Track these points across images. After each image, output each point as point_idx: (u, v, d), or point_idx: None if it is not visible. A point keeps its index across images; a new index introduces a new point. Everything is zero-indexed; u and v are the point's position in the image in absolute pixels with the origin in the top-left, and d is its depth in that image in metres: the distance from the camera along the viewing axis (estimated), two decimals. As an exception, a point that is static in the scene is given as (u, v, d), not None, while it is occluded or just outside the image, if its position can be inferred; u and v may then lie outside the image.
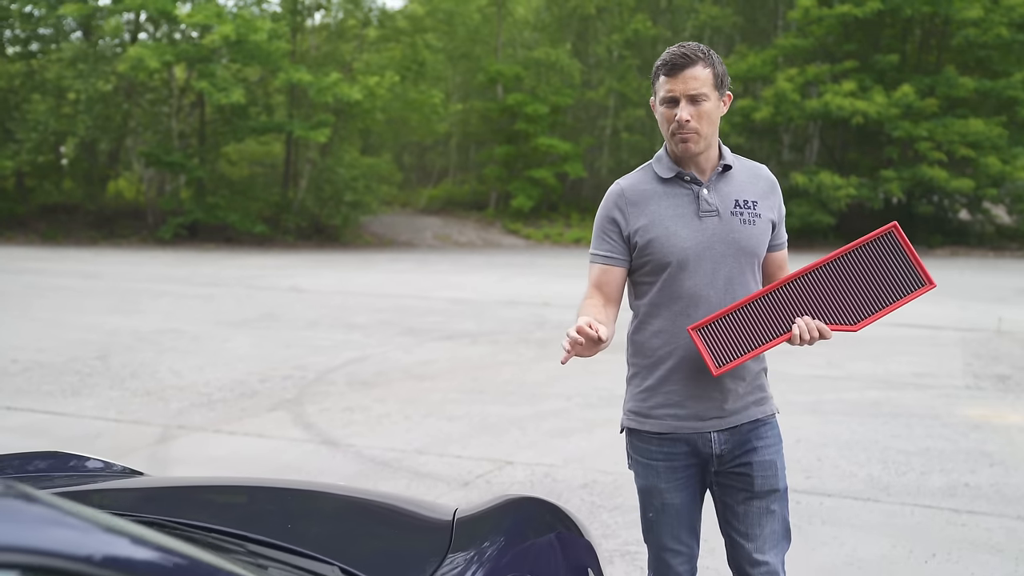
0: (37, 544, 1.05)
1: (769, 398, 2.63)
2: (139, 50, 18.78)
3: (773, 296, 2.38)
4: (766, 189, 2.55)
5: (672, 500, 2.58)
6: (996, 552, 4.17)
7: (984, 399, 7.18)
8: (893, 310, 2.39)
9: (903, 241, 2.37)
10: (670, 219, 2.47)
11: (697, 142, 2.42)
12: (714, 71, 2.44)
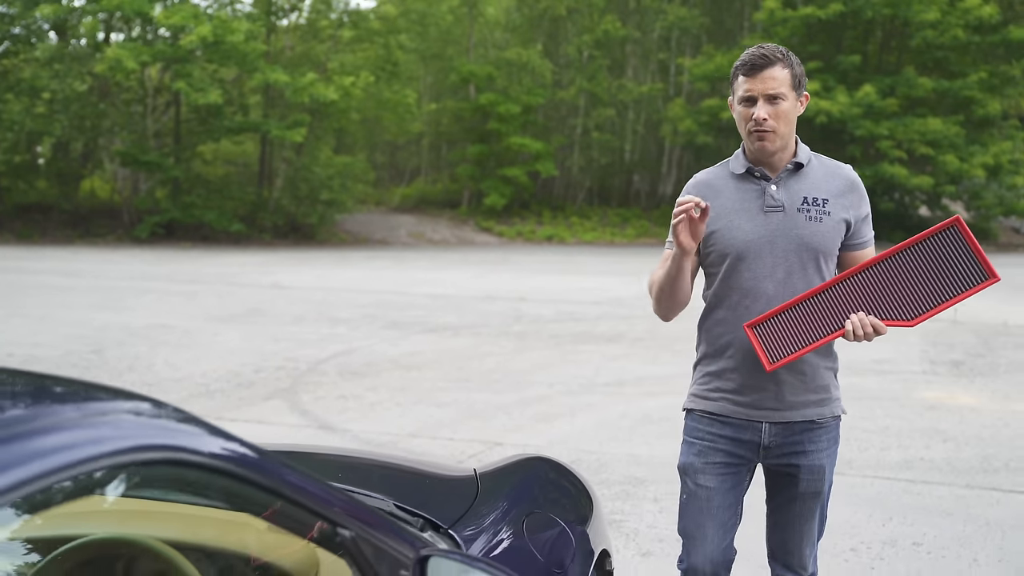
0: (183, 443, 1.39)
1: (832, 400, 2.61)
2: (117, 51, 18.93)
3: (830, 292, 2.38)
4: (842, 188, 2.54)
5: (704, 483, 2.61)
6: (946, 516, 4.61)
7: (939, 383, 7.66)
8: (954, 304, 2.33)
9: (966, 234, 2.31)
10: (735, 212, 2.53)
11: (773, 140, 2.46)
12: (792, 72, 2.48)
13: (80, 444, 1.23)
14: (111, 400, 1.42)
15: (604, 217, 26.59)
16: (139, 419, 1.37)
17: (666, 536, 4.22)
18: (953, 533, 4.38)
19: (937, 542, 4.26)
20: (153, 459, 1.34)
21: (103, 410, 1.36)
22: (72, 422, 1.28)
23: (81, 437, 1.25)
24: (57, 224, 22.78)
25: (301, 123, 21.27)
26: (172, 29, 19.83)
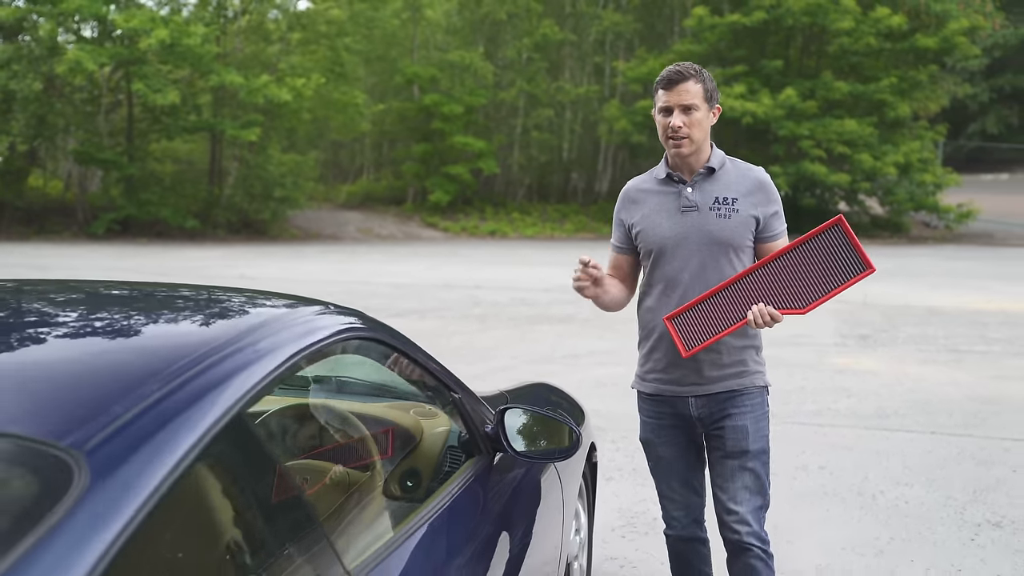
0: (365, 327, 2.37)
1: (751, 372, 2.90)
2: (76, 53, 19.47)
3: (735, 287, 2.68)
4: (751, 188, 2.83)
5: (663, 453, 2.99)
6: (847, 449, 5.84)
7: (847, 352, 8.97)
8: (838, 293, 2.61)
9: (847, 231, 2.59)
10: (656, 213, 2.87)
11: (688, 145, 2.76)
12: (704, 87, 2.78)
13: (323, 328, 2.15)
14: (313, 304, 2.33)
15: (544, 213, 27.73)
16: (331, 313, 2.31)
17: (623, 466, 5.35)
18: (851, 460, 5.61)
19: (838, 466, 5.48)
20: (348, 336, 2.28)
21: (313, 311, 2.26)
22: (307, 316, 2.17)
23: (316, 324, 2.18)
24: (10, 221, 23.14)
25: (255, 123, 22.00)
26: (130, 32, 20.39)
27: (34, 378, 1.51)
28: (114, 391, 1.41)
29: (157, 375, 1.47)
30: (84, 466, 1.22)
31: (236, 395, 1.52)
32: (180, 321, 1.96)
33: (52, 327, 1.84)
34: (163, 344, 1.71)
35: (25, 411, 1.36)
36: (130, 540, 1.16)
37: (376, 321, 2.32)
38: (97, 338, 1.79)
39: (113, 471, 1.23)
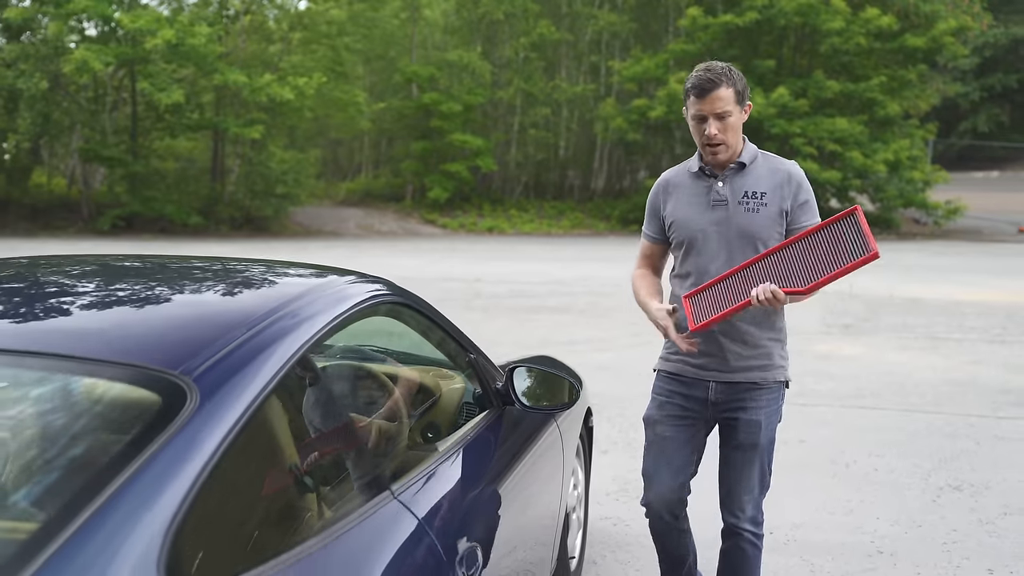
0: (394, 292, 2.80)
1: (775, 367, 2.99)
2: (83, 52, 19.88)
3: (750, 270, 2.77)
4: (780, 182, 2.90)
5: (662, 432, 3.06)
6: (825, 424, 6.29)
7: (831, 340, 9.43)
8: (841, 275, 2.67)
9: (862, 222, 2.67)
10: (689, 206, 2.96)
11: (725, 151, 2.86)
12: (735, 89, 2.81)
13: (359, 292, 2.60)
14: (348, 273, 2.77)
15: (541, 209, 28.15)
16: (364, 281, 2.76)
17: (618, 440, 5.80)
18: (828, 434, 6.06)
19: (816, 440, 5.94)
20: (380, 299, 2.72)
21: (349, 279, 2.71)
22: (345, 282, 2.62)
23: (354, 290, 2.62)
24: (16, 218, 23.54)
25: (258, 121, 22.42)
26: (136, 33, 20.81)
27: (150, 325, 1.98)
28: (210, 334, 1.86)
29: (241, 324, 1.92)
30: (194, 388, 1.66)
31: (300, 341, 1.97)
32: (251, 284, 2.44)
33: (151, 288, 2.29)
34: (240, 301, 2.22)
35: (148, 348, 1.81)
36: (230, 443, 1.60)
37: (401, 288, 2.75)
38: (191, 296, 2.26)
39: (214, 392, 1.67)
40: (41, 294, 2.19)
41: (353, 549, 1.85)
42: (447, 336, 2.93)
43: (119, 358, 1.77)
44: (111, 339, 1.87)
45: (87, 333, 1.92)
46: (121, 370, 1.74)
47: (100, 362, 1.77)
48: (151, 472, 1.51)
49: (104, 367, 1.76)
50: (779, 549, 4.19)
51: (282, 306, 2.07)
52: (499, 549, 2.48)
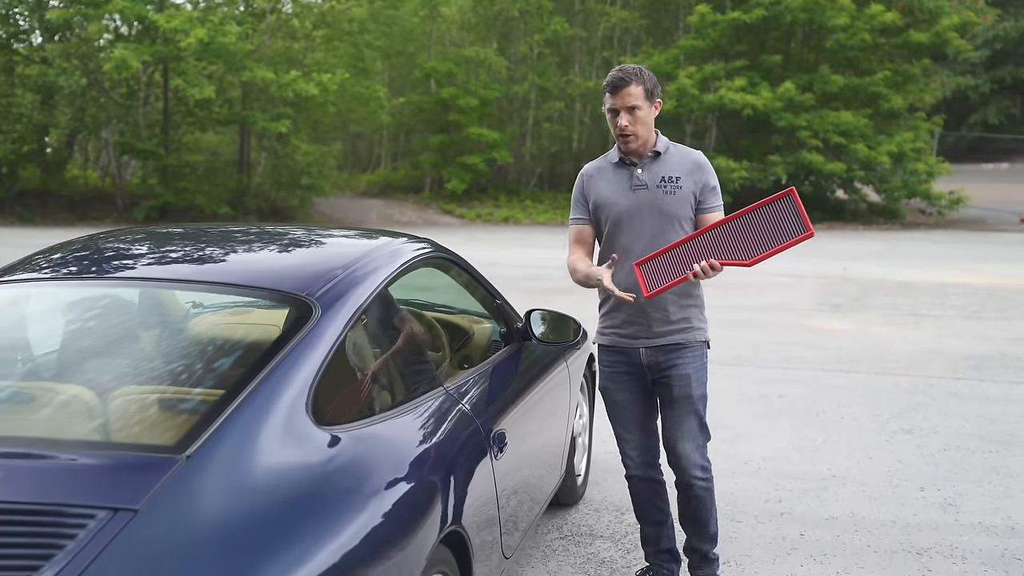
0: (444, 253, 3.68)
1: (694, 328, 3.36)
2: (122, 51, 20.88)
3: (695, 242, 3.05)
4: (691, 168, 3.29)
5: (617, 398, 3.46)
6: (803, 384, 7.17)
7: (821, 316, 10.30)
8: (780, 251, 2.96)
9: (797, 202, 2.97)
10: (612, 191, 3.33)
11: (635, 140, 3.24)
12: (644, 87, 3.22)
13: (412, 248, 3.49)
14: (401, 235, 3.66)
15: (555, 200, 28.98)
16: (417, 240, 3.65)
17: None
18: (805, 391, 6.94)
19: (794, 396, 6.82)
20: (428, 254, 3.60)
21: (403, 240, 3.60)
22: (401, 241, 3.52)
23: (410, 246, 3.51)
24: (54, 208, 24.60)
25: (284, 115, 23.37)
26: (171, 32, 21.78)
27: (285, 267, 2.94)
28: (322, 273, 2.79)
29: (338, 267, 2.85)
30: (316, 304, 2.57)
31: (378, 279, 2.89)
32: (337, 242, 3.41)
33: (274, 245, 3.24)
34: (334, 252, 3.21)
35: (287, 280, 2.73)
36: (339, 338, 2.51)
37: (442, 246, 3.66)
38: (303, 250, 3.25)
39: (329, 307, 2.58)
40: (203, 248, 3.15)
41: (422, 418, 2.77)
42: (478, 284, 3.83)
43: (273, 286, 2.73)
44: (264, 275, 2.86)
45: (247, 272, 2.92)
46: (274, 293, 2.69)
47: (260, 288, 2.73)
48: (297, 353, 2.44)
49: (263, 291, 2.72)
50: (750, 475, 5.08)
51: (363, 255, 3.03)
52: (519, 441, 3.38)
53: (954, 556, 4.04)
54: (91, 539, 1.82)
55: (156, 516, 1.91)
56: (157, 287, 3.00)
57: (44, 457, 2.07)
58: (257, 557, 1.91)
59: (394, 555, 2.21)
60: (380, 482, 2.33)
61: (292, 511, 2.06)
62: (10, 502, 1.90)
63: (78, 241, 3.35)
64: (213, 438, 2.12)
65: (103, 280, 2.95)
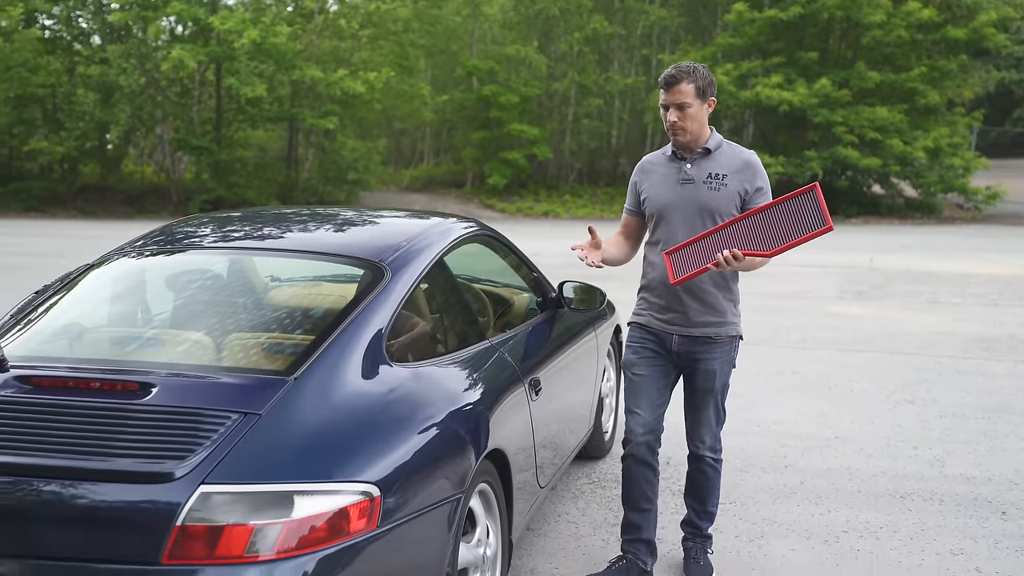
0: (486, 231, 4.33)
1: (728, 324, 3.46)
2: (179, 52, 21.83)
3: (722, 233, 3.17)
4: (740, 167, 3.35)
5: (639, 373, 3.55)
6: (818, 361, 7.74)
7: (843, 303, 10.82)
8: (799, 243, 3.04)
9: (819, 197, 3.05)
10: (661, 184, 3.46)
11: (684, 135, 3.33)
12: (696, 85, 3.28)
13: (460, 227, 4.13)
14: (451, 216, 4.30)
15: (594, 195, 29.54)
16: (465, 219, 4.30)
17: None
18: (819, 368, 7.51)
19: (808, 372, 7.38)
20: (475, 232, 4.24)
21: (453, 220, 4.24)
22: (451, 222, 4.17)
23: (458, 225, 4.15)
24: (112, 202, 25.69)
25: (331, 112, 24.21)
26: (225, 33, 22.70)
27: (361, 238, 3.62)
28: (390, 244, 3.45)
29: (402, 240, 3.50)
30: (387, 268, 3.23)
31: (435, 251, 3.54)
32: (398, 221, 4.07)
33: (350, 222, 3.91)
34: (397, 229, 3.87)
35: (364, 249, 3.40)
36: (407, 295, 3.18)
37: (487, 225, 4.30)
38: (372, 226, 3.90)
39: (397, 271, 3.24)
40: (289, 226, 3.85)
41: (470, 362, 3.42)
42: (517, 259, 4.47)
43: (353, 254, 3.40)
44: (345, 246, 3.55)
45: (330, 243, 3.62)
46: (353, 259, 3.35)
47: (343, 256, 3.41)
48: (374, 305, 3.11)
49: (345, 258, 3.40)
50: (760, 435, 5.68)
51: (423, 231, 3.70)
52: (552, 388, 4.02)
53: (933, 499, 4.63)
54: (229, 433, 2.49)
55: (274, 418, 2.58)
56: (257, 255, 3.70)
57: (188, 377, 2.75)
58: (344, 451, 2.58)
59: (448, 460, 2.87)
60: (436, 406, 2.99)
61: (370, 422, 2.74)
62: (168, 406, 2.58)
63: (184, 220, 4.06)
64: (313, 365, 2.80)
65: (212, 250, 3.66)
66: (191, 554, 2.28)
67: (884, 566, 3.85)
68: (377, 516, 2.49)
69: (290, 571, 2.31)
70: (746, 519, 4.35)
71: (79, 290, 3.45)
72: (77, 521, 2.34)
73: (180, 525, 2.29)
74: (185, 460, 2.39)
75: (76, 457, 2.41)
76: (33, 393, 2.65)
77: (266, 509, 2.35)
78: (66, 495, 2.36)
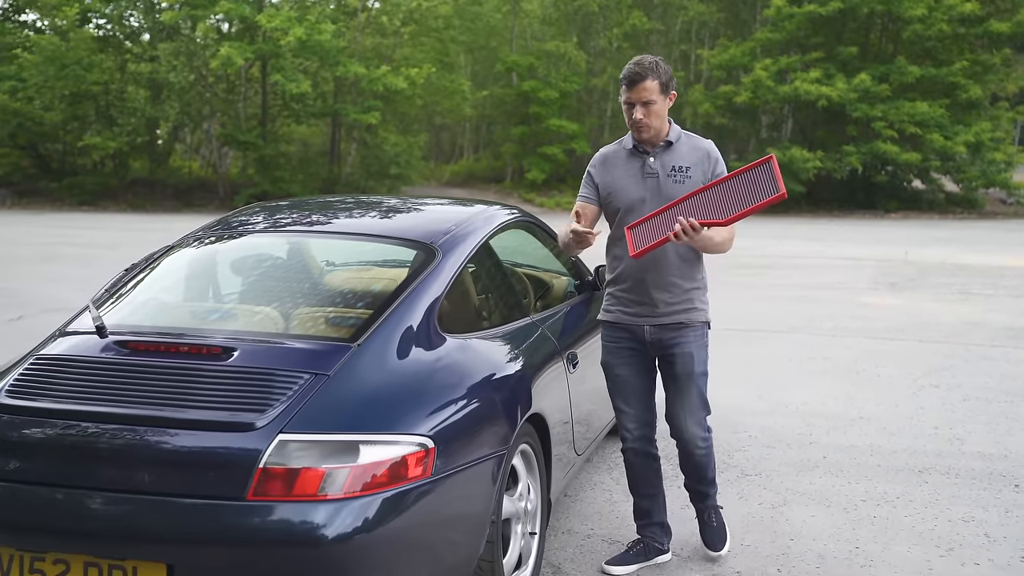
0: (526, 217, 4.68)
1: (697, 310, 3.49)
2: (228, 49, 22.42)
3: (680, 207, 3.22)
4: (700, 158, 3.41)
5: (620, 372, 3.60)
6: (849, 349, 7.96)
7: (875, 294, 11.02)
8: (753, 211, 3.12)
9: (775, 170, 3.12)
10: (624, 177, 3.45)
11: (648, 131, 3.35)
12: (659, 81, 3.28)
13: (504, 213, 4.47)
14: (495, 204, 4.64)
15: (631, 189, 29.76)
16: (508, 207, 4.64)
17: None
18: (849, 354, 7.75)
19: (838, 358, 7.63)
20: (518, 219, 4.58)
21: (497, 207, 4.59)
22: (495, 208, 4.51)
23: (501, 211, 4.50)
24: (161, 196, 26.39)
25: (374, 108, 24.70)
26: (272, 31, 23.25)
27: (413, 223, 3.98)
28: (439, 228, 3.78)
29: (450, 225, 3.84)
30: (438, 249, 3.57)
31: (481, 234, 3.87)
32: (446, 208, 4.41)
33: (400, 209, 4.27)
34: (445, 215, 4.21)
35: (417, 232, 3.75)
36: (455, 274, 3.52)
37: (529, 212, 4.63)
38: (420, 213, 4.27)
39: (447, 252, 3.59)
40: (347, 212, 4.21)
41: (513, 335, 3.76)
42: (556, 244, 4.79)
43: (407, 236, 3.74)
44: (399, 230, 3.91)
45: (386, 227, 3.98)
46: (407, 241, 3.70)
47: (398, 238, 3.75)
48: (426, 282, 3.45)
49: (399, 241, 3.74)
50: (788, 415, 5.96)
51: (471, 216, 4.03)
52: (588, 362, 4.34)
53: (950, 474, 4.89)
54: (302, 390, 2.84)
55: (340, 378, 2.93)
56: (319, 238, 4.07)
57: (264, 343, 3.11)
58: (402, 408, 2.94)
59: (494, 420, 3.20)
60: (483, 372, 3.34)
61: (424, 383, 3.09)
62: (249, 367, 2.94)
63: (247, 209, 4.43)
64: (374, 334, 3.15)
65: (276, 233, 4.03)
66: (272, 492, 2.63)
67: (897, 530, 4.13)
68: (431, 465, 2.82)
69: (356, 510, 2.65)
70: (770, 489, 4.64)
71: (161, 268, 3.83)
72: (174, 463, 2.70)
73: (262, 467, 2.64)
74: (265, 413, 2.74)
75: (171, 409, 2.78)
76: (130, 356, 3.03)
77: (335, 456, 2.69)
78: (163, 441, 2.73)
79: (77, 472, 2.71)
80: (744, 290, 10.72)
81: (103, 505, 2.67)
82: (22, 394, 2.93)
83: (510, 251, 4.97)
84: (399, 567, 2.74)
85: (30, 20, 27.46)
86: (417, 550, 2.80)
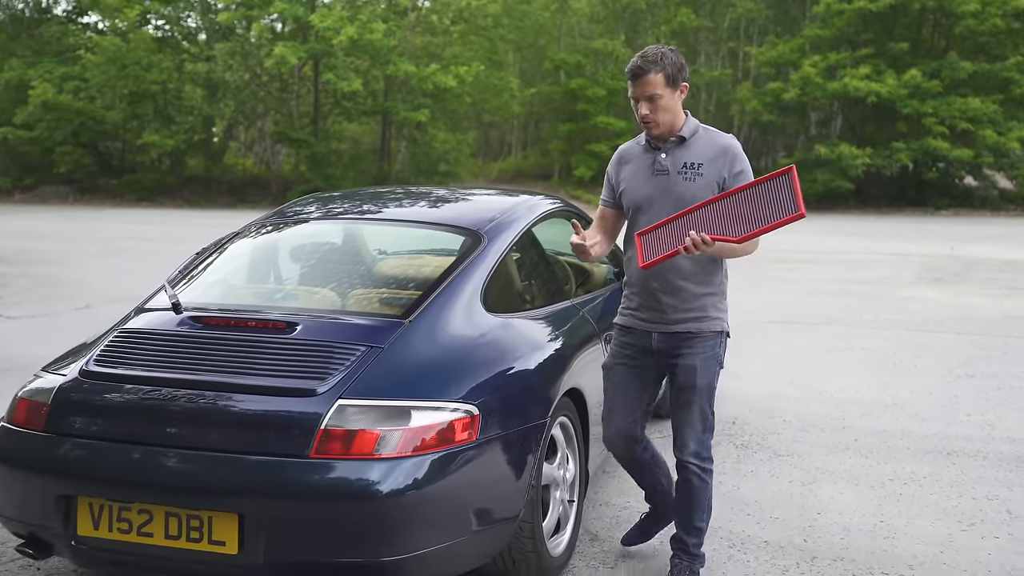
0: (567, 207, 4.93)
1: (709, 319, 3.28)
2: (282, 49, 22.96)
3: (693, 216, 3.03)
4: (716, 154, 3.18)
5: (618, 375, 3.46)
6: (888, 340, 8.09)
7: (917, 288, 11.09)
8: (770, 230, 2.90)
9: (794, 182, 2.89)
10: (636, 175, 3.30)
11: (657, 127, 3.17)
12: (665, 73, 3.09)
13: (547, 203, 4.72)
14: (539, 193, 4.90)
15: (679, 186, 29.83)
16: (551, 197, 4.89)
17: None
18: (887, 346, 7.88)
19: (876, 348, 7.77)
20: (561, 208, 4.84)
21: (540, 196, 4.85)
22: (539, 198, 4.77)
23: (545, 201, 4.75)
24: (216, 193, 27.06)
25: (423, 106, 25.10)
26: (325, 31, 23.76)
27: (461, 211, 4.27)
28: (485, 216, 4.06)
29: (496, 213, 4.10)
30: (484, 235, 3.85)
31: (524, 222, 4.14)
32: (492, 197, 4.68)
33: (448, 198, 4.55)
34: (490, 204, 4.46)
35: (465, 219, 4.03)
36: (500, 258, 3.79)
37: (571, 203, 4.88)
38: (467, 202, 4.54)
39: (492, 238, 3.86)
40: (398, 201, 4.50)
41: (555, 316, 4.01)
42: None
43: (455, 223, 4.01)
44: (448, 217, 4.18)
45: (435, 215, 4.27)
46: (455, 228, 3.97)
47: (447, 224, 4.03)
48: (473, 265, 3.71)
49: (447, 227, 4.02)
50: (823, 402, 6.14)
51: (515, 204, 4.30)
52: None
53: (978, 457, 5.04)
54: (358, 360, 3.12)
55: (394, 351, 3.21)
56: (372, 225, 4.36)
57: (324, 319, 3.39)
58: (450, 378, 3.21)
59: (535, 392, 3.46)
60: (525, 348, 3.59)
61: (470, 356, 3.36)
62: (310, 339, 3.22)
63: (304, 200, 4.73)
64: (424, 311, 3.42)
65: (332, 221, 4.33)
66: (331, 451, 2.92)
67: (922, 507, 4.31)
68: (477, 431, 3.08)
69: (408, 468, 2.92)
70: (801, 468, 4.84)
71: (228, 253, 4.15)
72: (243, 424, 3.00)
73: (323, 429, 2.92)
74: (325, 380, 3.03)
75: (241, 376, 3.08)
76: (204, 329, 3.34)
77: (389, 419, 2.97)
78: (234, 404, 3.03)
79: (157, 432, 3.01)
80: (783, 284, 10.86)
81: (181, 462, 2.97)
82: (108, 362, 3.26)
83: (554, 241, 5.22)
84: (446, 522, 3.00)
85: (92, 22, 28.31)
86: (462, 507, 3.06)
